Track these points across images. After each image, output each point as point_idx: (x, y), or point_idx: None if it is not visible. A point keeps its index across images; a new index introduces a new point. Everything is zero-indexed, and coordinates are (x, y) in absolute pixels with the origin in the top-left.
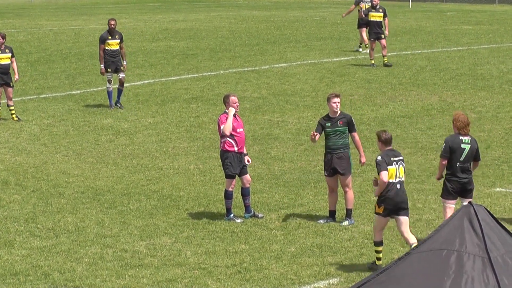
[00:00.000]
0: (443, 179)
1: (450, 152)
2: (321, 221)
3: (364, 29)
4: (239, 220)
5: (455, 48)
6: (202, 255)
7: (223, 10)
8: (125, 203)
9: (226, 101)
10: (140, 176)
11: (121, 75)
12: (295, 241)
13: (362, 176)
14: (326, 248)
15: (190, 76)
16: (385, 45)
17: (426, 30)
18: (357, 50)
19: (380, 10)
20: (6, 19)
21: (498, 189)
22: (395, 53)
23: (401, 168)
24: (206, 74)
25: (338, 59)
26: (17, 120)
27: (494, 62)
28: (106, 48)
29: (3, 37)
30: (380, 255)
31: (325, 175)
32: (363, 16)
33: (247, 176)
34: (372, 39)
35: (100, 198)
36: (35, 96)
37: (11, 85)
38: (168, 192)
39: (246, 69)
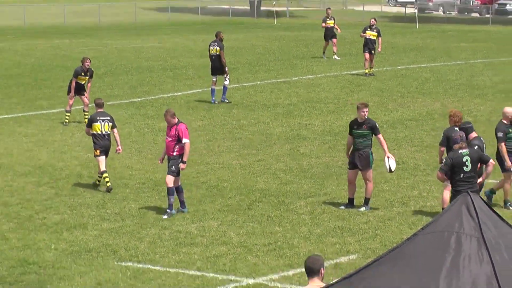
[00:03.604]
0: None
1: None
2: (342, 207)
3: (328, 41)
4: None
5: (454, 62)
6: (243, 235)
7: (260, 31)
8: None
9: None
10: (191, 170)
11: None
12: (320, 224)
13: (376, 170)
14: (347, 230)
15: (232, 86)
16: (372, 59)
17: (430, 47)
18: (322, 57)
19: (375, 30)
20: (78, 38)
21: (490, 180)
22: (404, 67)
23: (106, 124)
24: (245, 84)
25: (356, 71)
26: None
27: (488, 74)
28: (211, 53)
29: (90, 61)
30: (108, 181)
31: (347, 168)
32: (362, 34)
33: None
34: (366, 52)
35: (158, 188)
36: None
37: (86, 95)
38: (214, 183)
39: (279, 80)
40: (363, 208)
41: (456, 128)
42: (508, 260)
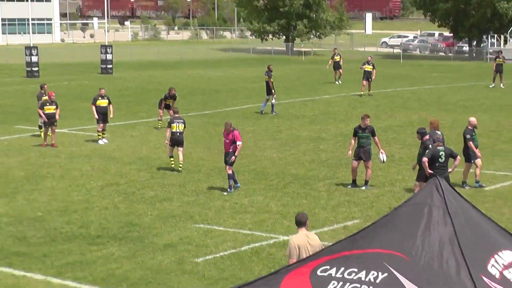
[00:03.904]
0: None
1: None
2: (349, 186)
3: (336, 71)
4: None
5: (427, 87)
6: (280, 206)
7: (292, 64)
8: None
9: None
10: (244, 161)
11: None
12: (334, 198)
13: (373, 161)
14: (352, 202)
15: (275, 103)
16: (370, 85)
17: (411, 76)
18: (335, 83)
19: (371, 64)
20: (166, 70)
21: (456, 169)
22: (392, 90)
23: (180, 125)
24: (282, 102)
25: (358, 93)
26: None
27: (451, 95)
28: (265, 80)
29: (175, 90)
30: (172, 164)
31: (353, 159)
32: (361, 67)
33: (227, 167)
34: (364, 80)
35: (221, 174)
36: (184, 114)
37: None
38: (260, 170)
39: (305, 98)
40: (364, 187)
41: (437, 132)
42: (465, 224)
